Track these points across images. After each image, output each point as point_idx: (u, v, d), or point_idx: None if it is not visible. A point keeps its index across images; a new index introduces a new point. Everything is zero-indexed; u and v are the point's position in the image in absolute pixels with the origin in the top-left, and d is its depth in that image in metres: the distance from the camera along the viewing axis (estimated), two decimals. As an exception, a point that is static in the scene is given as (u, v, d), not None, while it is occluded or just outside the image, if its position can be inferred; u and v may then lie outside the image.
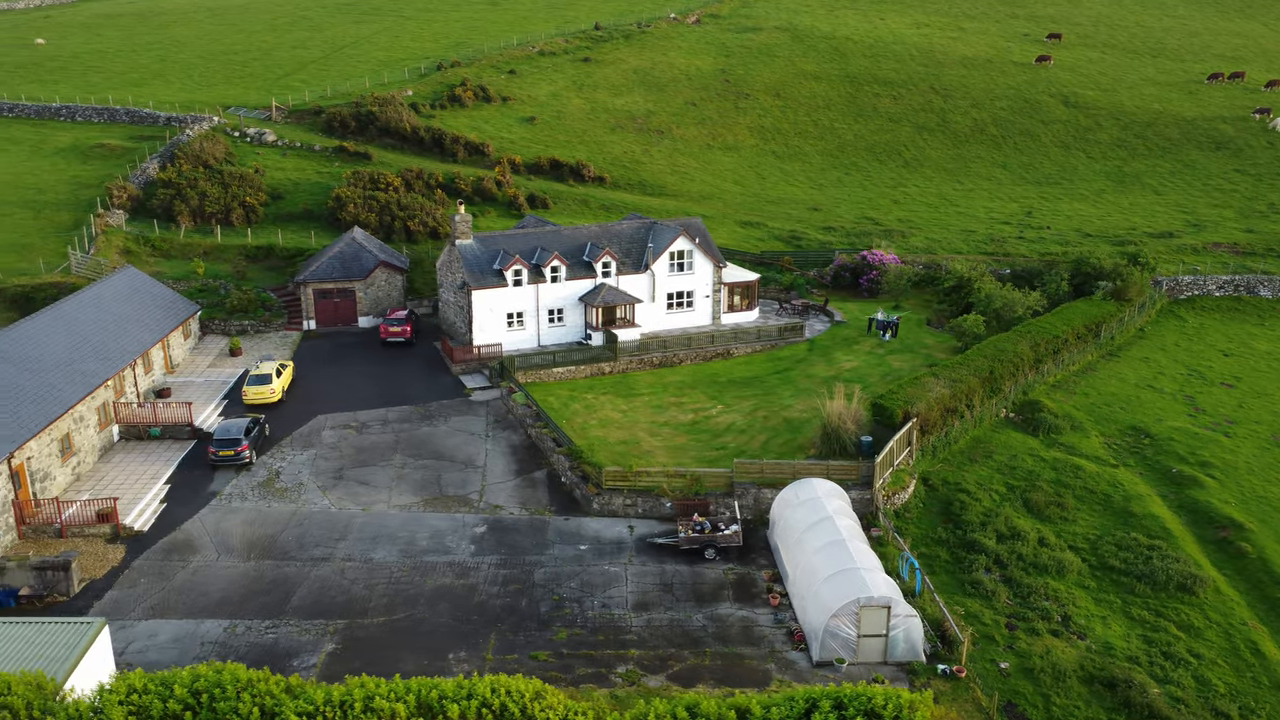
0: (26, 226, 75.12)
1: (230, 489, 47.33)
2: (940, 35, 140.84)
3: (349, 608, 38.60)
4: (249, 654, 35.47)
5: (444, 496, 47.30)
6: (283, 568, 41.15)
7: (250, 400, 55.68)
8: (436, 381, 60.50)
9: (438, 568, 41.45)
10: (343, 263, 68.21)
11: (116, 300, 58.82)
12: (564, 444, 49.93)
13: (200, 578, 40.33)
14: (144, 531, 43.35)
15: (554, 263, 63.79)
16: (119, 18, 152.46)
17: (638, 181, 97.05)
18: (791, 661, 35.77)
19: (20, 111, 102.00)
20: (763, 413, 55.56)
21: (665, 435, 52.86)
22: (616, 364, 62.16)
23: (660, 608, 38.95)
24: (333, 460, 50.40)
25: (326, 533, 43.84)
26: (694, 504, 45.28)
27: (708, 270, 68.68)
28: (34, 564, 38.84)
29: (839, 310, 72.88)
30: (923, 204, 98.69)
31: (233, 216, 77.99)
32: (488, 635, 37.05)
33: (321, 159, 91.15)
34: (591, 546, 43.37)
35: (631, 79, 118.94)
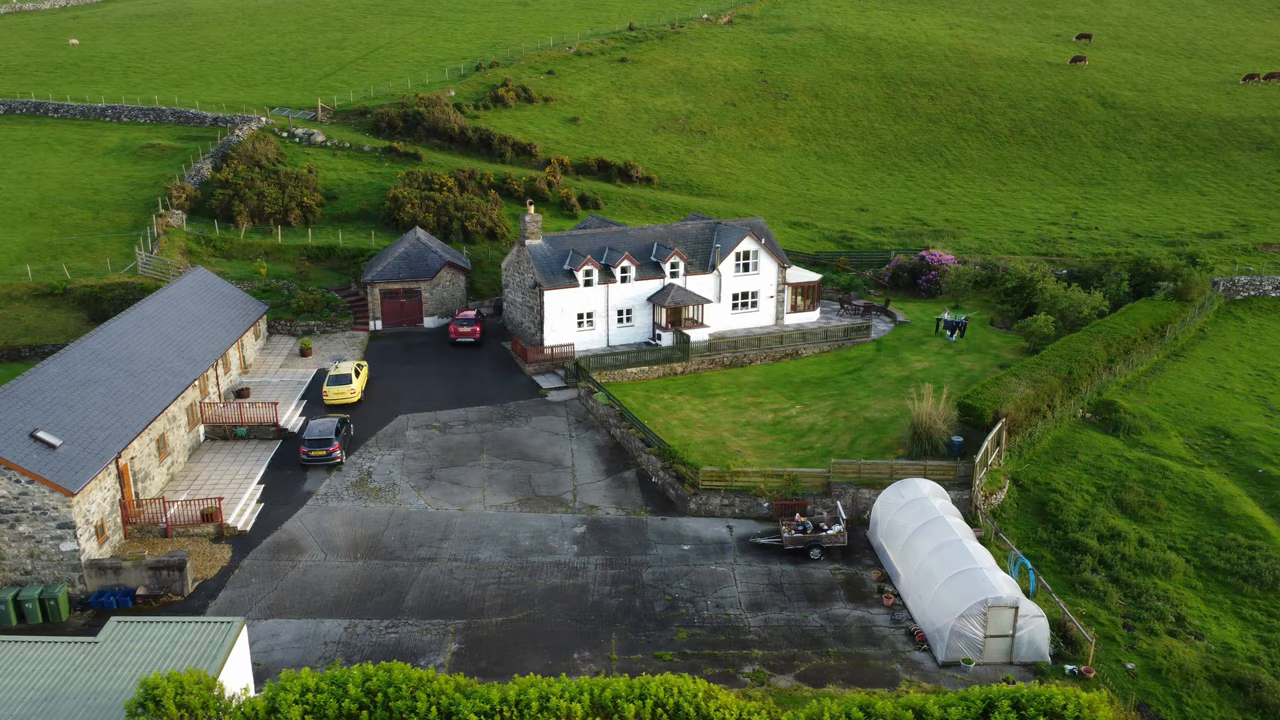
0: (87, 226, 75.19)
1: (324, 489, 47.36)
2: (973, 36, 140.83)
3: (464, 607, 38.62)
4: (374, 654, 35.49)
5: (538, 497, 47.32)
6: (391, 568, 41.18)
7: (331, 400, 55.74)
8: (510, 382, 60.52)
9: (545, 568, 41.46)
10: (409, 263, 68.26)
11: (191, 300, 58.88)
12: (654, 444, 49.94)
13: (311, 577, 40.36)
14: (246, 531, 43.38)
15: (624, 263, 63.82)
16: (149, 18, 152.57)
17: (684, 182, 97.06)
18: (916, 662, 35.76)
19: (66, 112, 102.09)
20: (843, 413, 55.55)
21: (749, 435, 52.85)
22: (688, 364, 62.18)
23: (774, 608, 38.95)
24: (421, 460, 50.43)
25: (428, 533, 43.86)
26: (792, 504, 45.29)
27: (772, 271, 68.70)
28: (149, 564, 38.89)
29: (900, 311, 72.85)
30: (968, 204, 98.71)
31: (290, 217, 78.06)
32: (608, 635, 37.07)
33: (371, 159, 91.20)
34: (694, 547, 43.38)
35: (670, 79, 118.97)
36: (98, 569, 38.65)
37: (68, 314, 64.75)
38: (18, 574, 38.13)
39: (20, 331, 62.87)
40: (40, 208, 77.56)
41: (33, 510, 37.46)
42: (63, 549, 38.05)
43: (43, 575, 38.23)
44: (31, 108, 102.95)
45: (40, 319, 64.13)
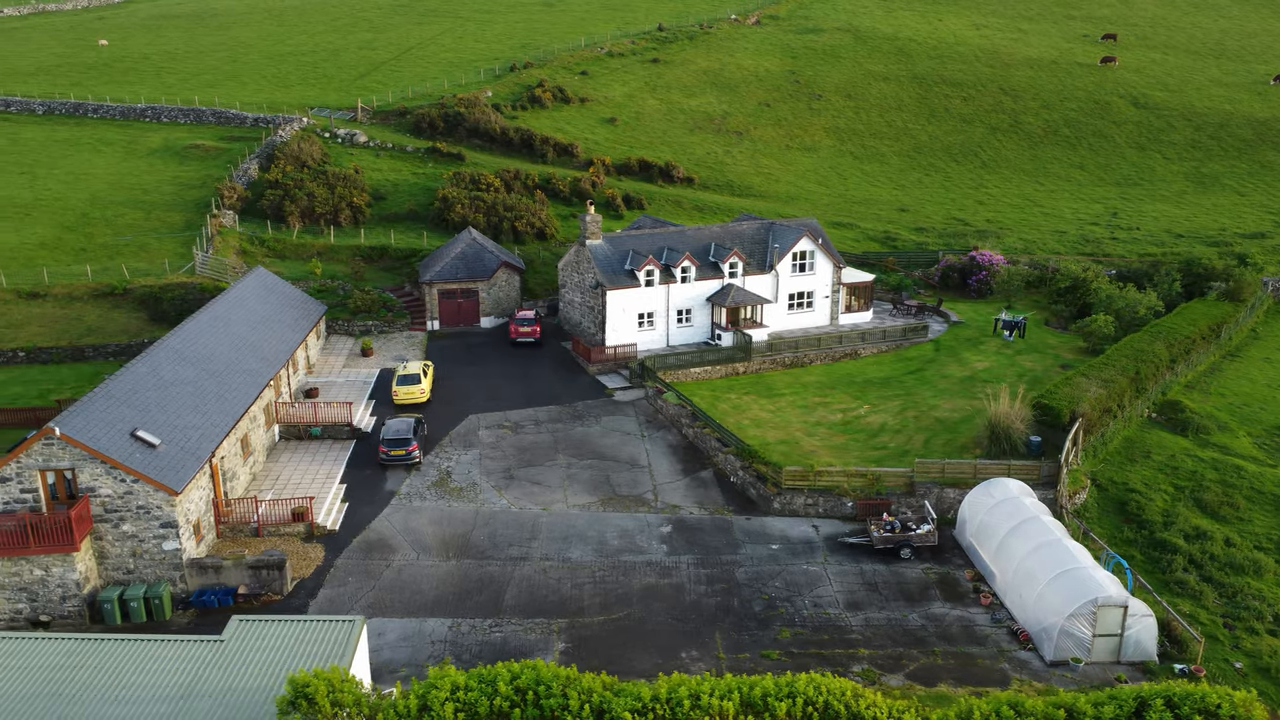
0: (140, 227, 75.32)
1: (406, 488, 47.45)
2: (1001, 36, 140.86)
3: (563, 607, 38.70)
4: (481, 653, 35.61)
5: (619, 496, 47.40)
6: (485, 567, 41.26)
7: (400, 400, 55.85)
8: (575, 382, 60.60)
9: (637, 567, 41.54)
10: (466, 263, 68.36)
11: (257, 301, 58.98)
12: (731, 444, 50.03)
13: (406, 576, 40.44)
14: (335, 531, 43.48)
15: (684, 263, 63.91)
16: (176, 19, 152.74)
17: (725, 182, 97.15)
18: (1024, 661, 35.82)
19: (105, 113, 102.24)
20: (912, 413, 55.61)
21: (821, 435, 52.92)
22: (750, 364, 62.25)
23: (873, 607, 39.03)
24: (498, 460, 50.51)
25: (516, 532, 43.94)
26: (876, 504, 45.37)
27: (828, 271, 68.78)
28: (249, 563, 39.00)
29: (952, 311, 72.89)
30: (1007, 205, 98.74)
31: (340, 217, 78.17)
32: (711, 634, 37.15)
33: (415, 160, 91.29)
34: (782, 546, 43.46)
35: (702, 80, 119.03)
36: (198, 568, 38.77)
37: (128, 314, 64.91)
38: (120, 573, 38.24)
39: (83, 331, 63.01)
40: (92, 208, 77.70)
41: (136, 510, 37.57)
42: (165, 548, 38.15)
43: (144, 574, 38.34)
44: (71, 108, 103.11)
45: (102, 319, 64.28)
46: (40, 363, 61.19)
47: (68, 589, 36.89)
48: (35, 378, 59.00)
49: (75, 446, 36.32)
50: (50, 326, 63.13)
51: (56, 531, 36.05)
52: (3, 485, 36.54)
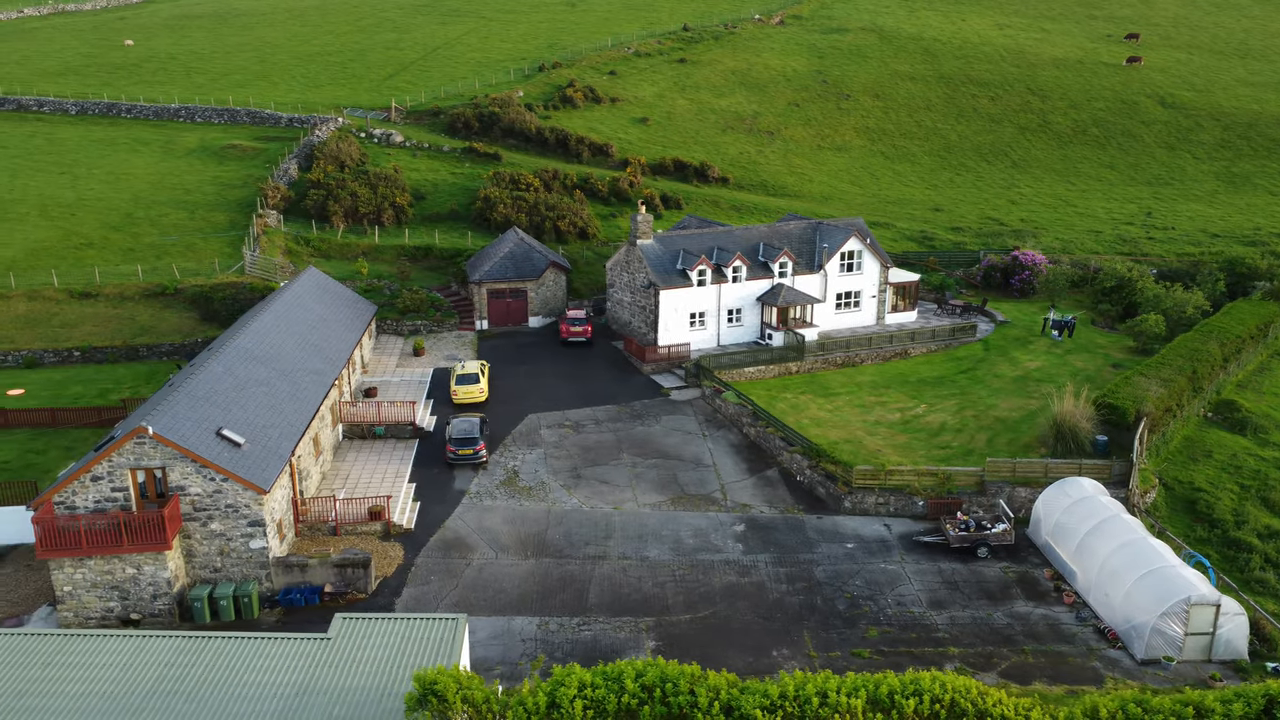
0: (185, 227, 75.47)
1: (475, 487, 47.56)
2: (1024, 36, 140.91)
3: (648, 605, 38.82)
4: (573, 650, 35.74)
5: (687, 495, 47.51)
6: (564, 566, 41.37)
7: (460, 400, 56.00)
8: (629, 381, 60.70)
9: (716, 566, 41.65)
10: (515, 263, 68.49)
11: (313, 301, 59.08)
12: (796, 443, 50.14)
13: (488, 575, 40.56)
14: (411, 529, 43.60)
15: (735, 263, 64.01)
16: (198, 19, 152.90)
17: (759, 182, 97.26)
18: (1114, 659, 35.91)
19: (139, 113, 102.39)
20: (969, 412, 55.69)
21: (883, 434, 53.00)
22: (802, 364, 62.33)
23: (956, 605, 39.12)
24: (563, 459, 50.62)
25: (590, 531, 44.05)
26: (948, 503, 45.47)
27: (875, 270, 68.88)
28: (335, 561, 39.12)
29: (997, 310, 72.92)
30: (1040, 204, 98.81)
31: (384, 217, 78.31)
32: (799, 632, 37.26)
33: (452, 159, 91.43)
34: (857, 545, 43.56)
35: (731, 80, 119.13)
36: (284, 566, 38.89)
37: (180, 313, 65.08)
38: (206, 571, 38.37)
39: (137, 331, 63.17)
40: (136, 208, 77.84)
41: (225, 508, 37.70)
42: (252, 546, 38.28)
43: (230, 573, 38.47)
44: (104, 108, 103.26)
45: (154, 318, 64.44)
46: (95, 362, 61.35)
47: (159, 587, 37.02)
48: (92, 377, 59.16)
49: (167, 445, 36.44)
50: (104, 326, 63.29)
51: (150, 530, 36.18)
52: (94, 484, 36.66)
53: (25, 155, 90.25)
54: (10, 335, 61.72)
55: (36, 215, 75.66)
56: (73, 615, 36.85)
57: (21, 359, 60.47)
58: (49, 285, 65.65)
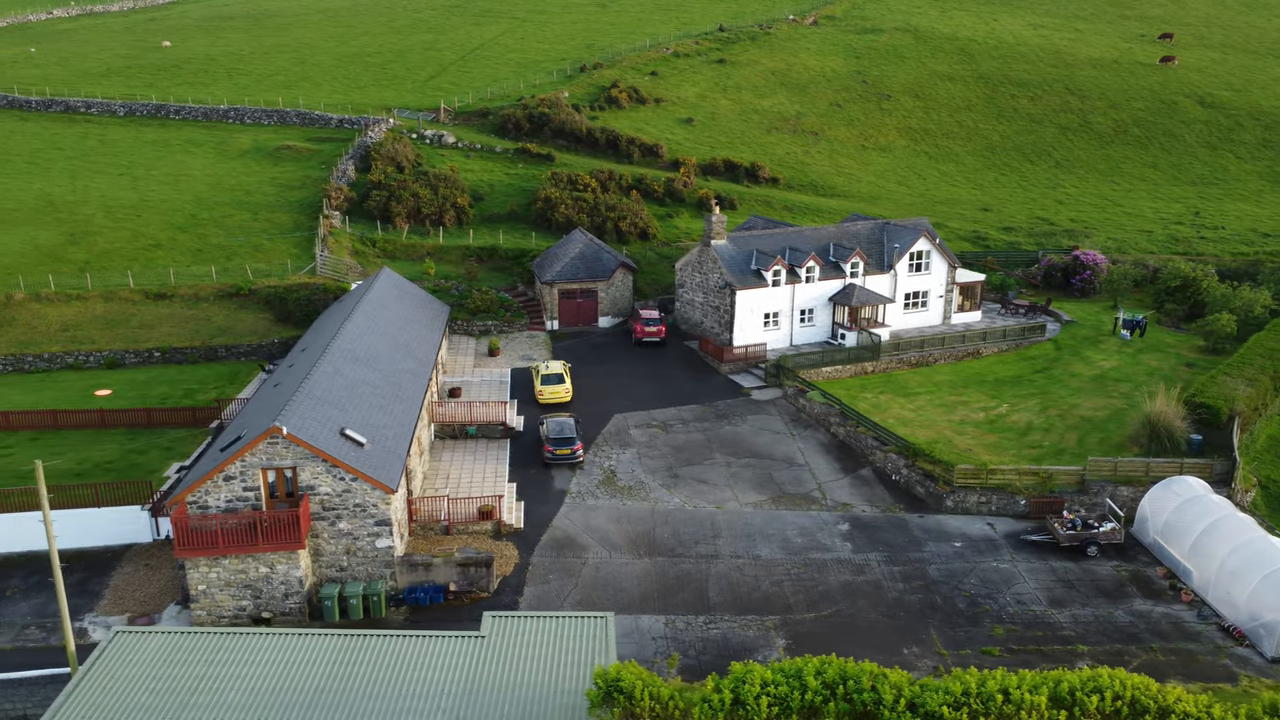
0: (250, 228, 75.76)
1: (575, 487, 47.82)
2: (1059, 36, 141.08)
3: (769, 604, 39.07)
4: (705, 648, 36.03)
5: (787, 495, 47.76)
6: (679, 565, 41.62)
7: (546, 400, 56.26)
8: (708, 381, 60.95)
9: (829, 565, 41.90)
10: (585, 264, 68.76)
11: (394, 301, 59.31)
12: (890, 442, 50.38)
13: (605, 574, 40.82)
14: (521, 529, 43.85)
15: (809, 263, 64.26)
16: (232, 20, 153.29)
17: (808, 182, 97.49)
18: (1244, 657, 36.14)
19: (188, 114, 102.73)
20: (1054, 411, 55.90)
21: (971, 434, 53.21)
22: (878, 363, 62.57)
23: (1075, 604, 39.36)
24: (657, 459, 50.86)
25: (697, 530, 44.30)
26: (1050, 502, 45.70)
27: (943, 270, 69.13)
28: (458, 560, 39.38)
29: (1061, 310, 73.10)
30: (1087, 204, 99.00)
31: (445, 218, 78.59)
32: (925, 631, 37.50)
33: (505, 160, 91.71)
34: (965, 544, 43.80)
35: (771, 80, 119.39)
36: (409, 565, 39.16)
37: (255, 314, 65.37)
38: (333, 570, 38.63)
39: (214, 331, 63.47)
40: (199, 209, 78.14)
41: (353, 507, 37.97)
42: (378, 546, 38.55)
43: (356, 572, 38.73)
44: (152, 109, 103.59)
45: (229, 319, 64.75)
46: (175, 362, 61.65)
47: (290, 586, 37.30)
48: (174, 377, 59.46)
49: (299, 445, 36.71)
50: (181, 326, 63.60)
51: (284, 529, 36.46)
52: (227, 484, 36.94)
53: (81, 156, 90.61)
54: (91, 336, 62.03)
55: (102, 216, 75.97)
56: (206, 614, 37.13)
57: (103, 359, 60.77)
58: (124, 286, 65.98)
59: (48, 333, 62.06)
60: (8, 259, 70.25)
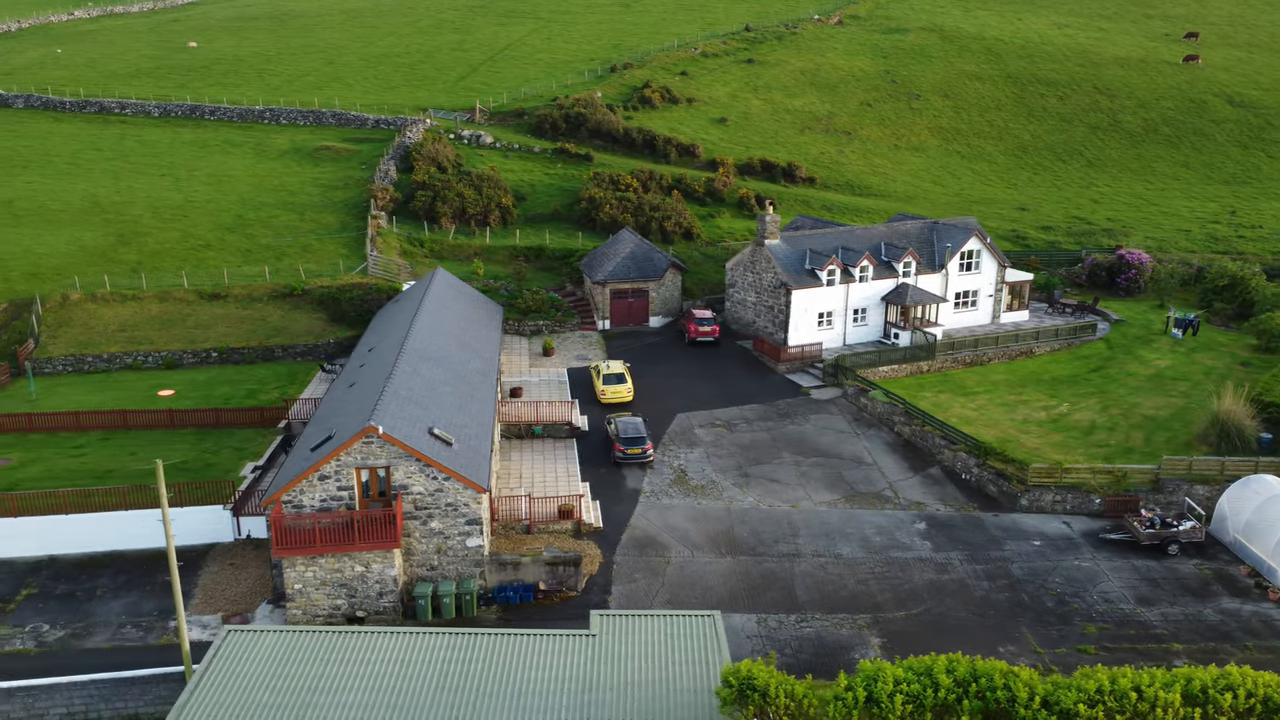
0: (297, 228, 75.86)
1: (648, 486, 47.90)
2: (1084, 36, 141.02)
3: (858, 602, 39.15)
4: (801, 647, 36.13)
5: (859, 494, 47.83)
6: (762, 564, 41.71)
7: (608, 399, 56.34)
8: (765, 380, 61.01)
9: (911, 563, 41.97)
10: (636, 263, 68.85)
11: (451, 301, 59.39)
12: (960, 441, 50.45)
13: (689, 573, 40.90)
14: (600, 528, 43.92)
15: (864, 262, 64.33)
16: (255, 20, 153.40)
17: (844, 182, 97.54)
18: (1339, 655, 36.22)
19: (222, 114, 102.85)
20: (1115, 410, 55.95)
21: (1036, 433, 53.25)
22: (933, 362, 62.62)
23: (1163, 603, 39.42)
24: (725, 458, 50.94)
25: (775, 529, 44.37)
26: (1125, 501, 45.76)
27: (993, 270, 69.19)
28: (546, 559, 39.48)
29: (1108, 310, 73.11)
30: (1122, 204, 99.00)
31: (490, 218, 78.68)
32: (1017, 629, 37.57)
33: (544, 160, 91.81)
34: (1044, 543, 43.86)
35: (800, 80, 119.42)
36: (498, 564, 39.25)
37: (309, 314, 65.47)
38: (423, 570, 38.74)
39: (270, 332, 63.58)
40: (245, 209, 78.26)
41: (445, 506, 38.07)
42: (468, 545, 38.65)
43: (446, 571, 38.83)
44: (187, 110, 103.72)
45: (284, 319, 64.86)
46: (233, 363, 61.77)
47: (385, 585, 37.40)
48: (233, 377, 59.56)
49: (394, 445, 36.82)
50: (237, 327, 63.71)
51: (380, 528, 36.56)
52: (321, 483, 37.06)
53: (121, 157, 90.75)
54: (149, 336, 62.16)
55: (149, 217, 76.10)
56: (301, 613, 37.23)
57: (161, 360, 60.90)
58: (178, 286, 66.10)
59: (105, 333, 62.17)
60: (57, 259, 70.41)
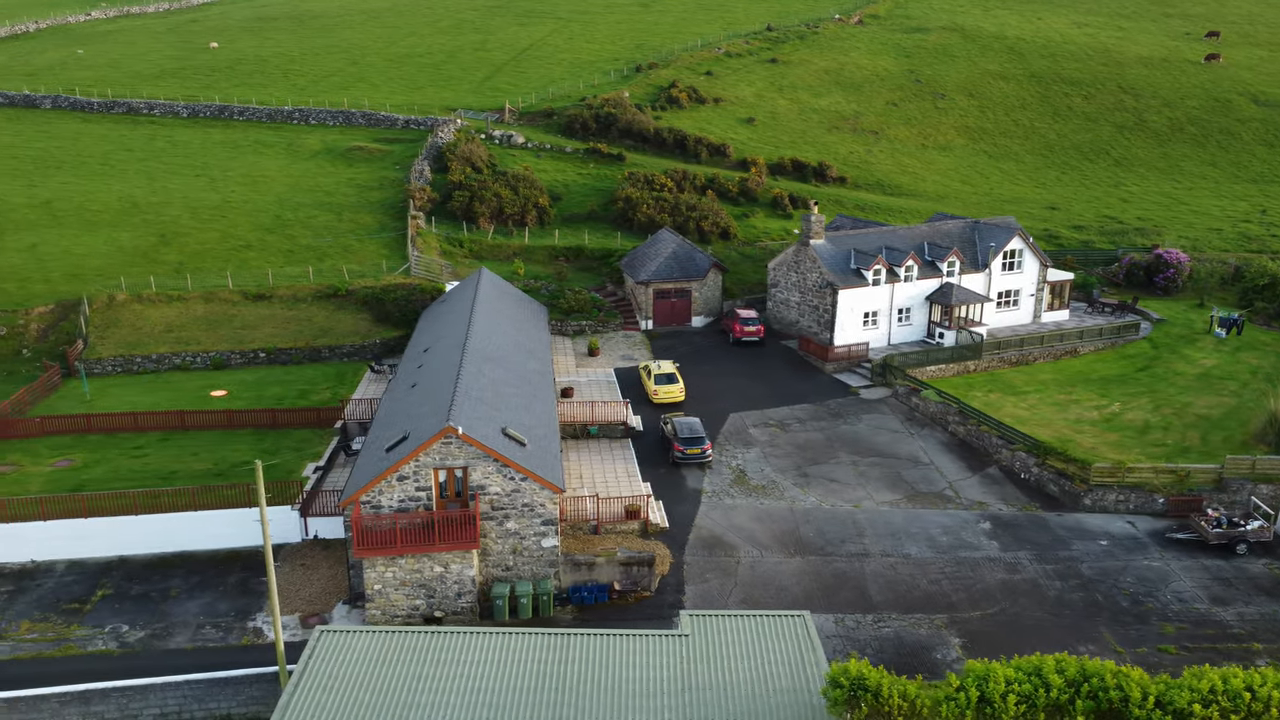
0: (336, 229, 75.89)
1: (708, 486, 47.92)
2: (1104, 35, 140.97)
3: (933, 602, 39.15)
4: (882, 647, 36.15)
5: (920, 493, 47.83)
6: (832, 563, 41.72)
7: (660, 400, 56.37)
8: (813, 380, 61.01)
9: (981, 563, 41.97)
10: (679, 263, 68.87)
11: (501, 302, 59.41)
12: (1018, 441, 50.45)
13: (761, 573, 40.91)
14: (667, 528, 43.92)
15: (909, 262, 64.33)
16: (274, 21, 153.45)
17: (874, 181, 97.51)
18: None
19: (251, 115, 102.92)
20: (1168, 410, 55.95)
21: (1090, 432, 53.24)
22: (979, 362, 62.61)
23: (1238, 602, 39.41)
24: (782, 458, 50.94)
25: (840, 529, 44.39)
26: (1188, 500, 45.75)
27: (1034, 269, 69.19)
28: (620, 560, 39.51)
29: (1148, 309, 73.07)
30: (1151, 203, 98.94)
31: (527, 218, 78.70)
32: (1095, 629, 37.57)
33: (576, 160, 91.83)
34: (1111, 542, 43.86)
35: (825, 80, 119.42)
36: (573, 564, 39.28)
37: (354, 315, 65.52)
38: (498, 570, 38.76)
39: (316, 332, 63.62)
40: (282, 210, 78.29)
41: (521, 507, 38.10)
42: (544, 545, 38.68)
43: (521, 571, 38.85)
44: (215, 110, 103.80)
45: (329, 320, 64.89)
46: (280, 363, 61.81)
47: (464, 585, 37.42)
48: (282, 378, 59.60)
49: (472, 445, 36.84)
50: (283, 327, 63.75)
51: (459, 529, 36.59)
52: (400, 484, 37.08)
53: (153, 157, 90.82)
54: (196, 337, 62.21)
55: (188, 217, 76.14)
56: (380, 613, 37.26)
57: (209, 360, 60.95)
58: (223, 287, 66.14)
59: (152, 334, 62.22)
60: (96, 260, 70.47)
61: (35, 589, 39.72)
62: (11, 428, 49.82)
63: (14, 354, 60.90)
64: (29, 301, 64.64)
